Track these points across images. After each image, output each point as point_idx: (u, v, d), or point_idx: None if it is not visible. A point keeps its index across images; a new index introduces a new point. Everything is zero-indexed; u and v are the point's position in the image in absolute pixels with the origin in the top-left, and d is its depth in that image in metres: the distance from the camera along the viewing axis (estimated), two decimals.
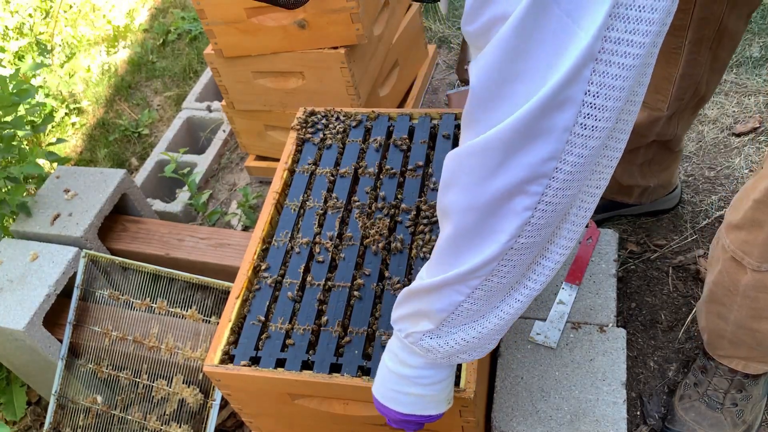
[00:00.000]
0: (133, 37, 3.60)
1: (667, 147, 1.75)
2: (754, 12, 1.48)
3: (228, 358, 1.29)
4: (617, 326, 1.54)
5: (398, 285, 1.32)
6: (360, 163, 1.56)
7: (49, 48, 3.52)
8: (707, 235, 1.88)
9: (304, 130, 1.64)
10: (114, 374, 1.82)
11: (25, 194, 2.05)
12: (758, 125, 2.10)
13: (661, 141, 1.71)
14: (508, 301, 0.88)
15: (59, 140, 2.35)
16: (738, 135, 2.12)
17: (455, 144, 1.55)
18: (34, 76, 3.23)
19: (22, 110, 2.12)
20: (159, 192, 2.58)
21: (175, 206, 2.41)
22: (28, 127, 2.18)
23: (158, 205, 2.41)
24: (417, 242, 1.38)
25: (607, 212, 1.96)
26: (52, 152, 2.24)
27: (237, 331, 1.33)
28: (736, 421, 1.50)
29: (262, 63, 2.07)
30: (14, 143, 2.07)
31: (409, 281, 1.34)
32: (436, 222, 1.40)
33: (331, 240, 1.42)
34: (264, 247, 1.45)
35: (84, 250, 1.89)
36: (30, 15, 3.74)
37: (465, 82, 2.38)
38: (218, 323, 1.34)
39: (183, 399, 1.73)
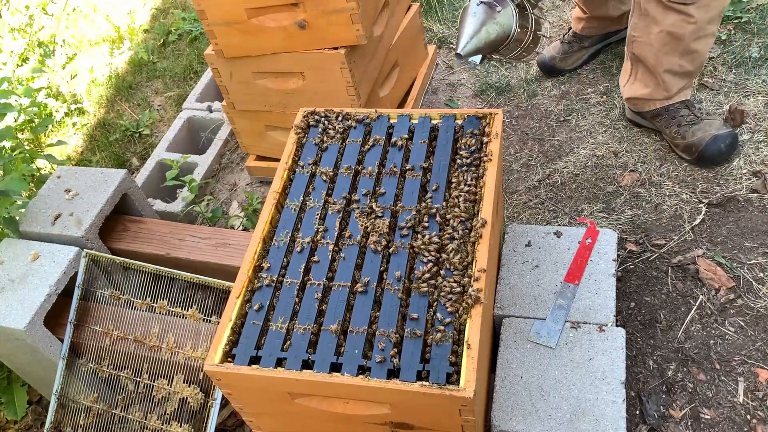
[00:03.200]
0: (134, 38, 3.60)
1: None
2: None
3: (229, 357, 1.30)
4: (616, 326, 1.54)
5: (398, 285, 1.33)
6: (360, 164, 1.56)
7: (51, 49, 3.52)
8: (705, 236, 1.89)
9: (304, 130, 1.65)
10: (115, 374, 1.83)
11: (26, 194, 2.03)
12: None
13: None
14: None
15: (59, 142, 2.34)
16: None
17: (455, 143, 1.55)
18: (34, 78, 3.23)
19: (8, 120, 2.07)
20: (160, 192, 2.58)
21: (176, 206, 2.41)
22: (26, 130, 2.17)
23: (159, 205, 2.42)
24: (417, 242, 1.39)
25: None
26: (51, 155, 2.23)
27: (237, 330, 1.33)
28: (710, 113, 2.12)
29: (262, 63, 2.08)
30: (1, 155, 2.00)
31: (410, 281, 1.34)
32: (435, 221, 1.41)
33: (331, 239, 1.43)
34: (264, 246, 1.45)
35: (85, 249, 1.90)
36: (31, 15, 3.75)
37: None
38: (219, 323, 1.34)
39: (184, 398, 1.74)
